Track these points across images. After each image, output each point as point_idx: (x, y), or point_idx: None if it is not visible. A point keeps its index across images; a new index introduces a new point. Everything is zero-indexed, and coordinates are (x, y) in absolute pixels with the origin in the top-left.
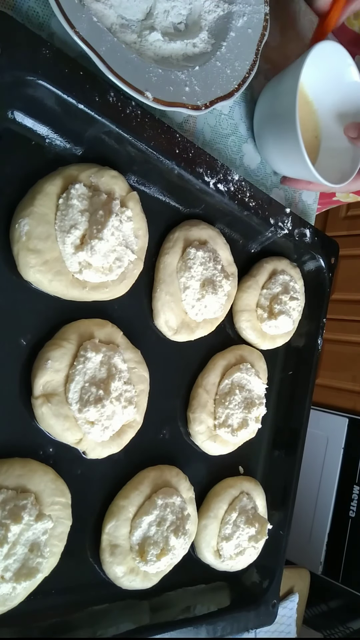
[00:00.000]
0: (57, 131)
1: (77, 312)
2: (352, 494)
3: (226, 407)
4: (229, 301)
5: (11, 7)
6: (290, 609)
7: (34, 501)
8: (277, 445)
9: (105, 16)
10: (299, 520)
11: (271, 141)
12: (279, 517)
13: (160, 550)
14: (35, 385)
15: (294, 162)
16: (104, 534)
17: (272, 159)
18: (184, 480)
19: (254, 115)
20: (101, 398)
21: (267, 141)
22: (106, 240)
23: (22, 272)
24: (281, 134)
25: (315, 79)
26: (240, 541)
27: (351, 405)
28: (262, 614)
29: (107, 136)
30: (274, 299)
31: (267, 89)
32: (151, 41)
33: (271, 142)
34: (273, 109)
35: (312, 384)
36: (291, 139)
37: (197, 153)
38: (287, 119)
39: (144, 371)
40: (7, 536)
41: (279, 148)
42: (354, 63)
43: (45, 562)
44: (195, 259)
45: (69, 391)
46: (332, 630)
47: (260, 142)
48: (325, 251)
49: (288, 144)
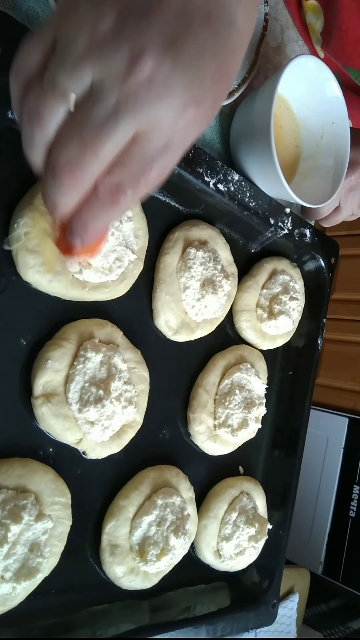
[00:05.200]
0: None
1: (77, 312)
2: (352, 494)
3: (226, 407)
4: (229, 301)
5: (11, 7)
6: (290, 609)
7: (34, 501)
8: (277, 445)
9: None
10: (299, 520)
11: (247, 160)
12: (279, 517)
13: (160, 550)
14: (35, 385)
15: (272, 182)
16: (104, 534)
17: (249, 174)
18: (184, 480)
19: (230, 132)
20: (101, 398)
21: (242, 158)
22: (106, 240)
23: (21, 272)
24: (257, 152)
25: (296, 91)
26: (240, 541)
27: (351, 405)
28: (262, 614)
29: None
30: (274, 299)
31: (242, 106)
32: None
33: (247, 160)
34: (249, 126)
35: (312, 384)
36: (267, 160)
37: (197, 153)
38: (262, 138)
39: (144, 371)
40: (7, 536)
41: (256, 167)
42: (334, 77)
43: (45, 562)
44: (195, 259)
45: (69, 391)
46: (332, 630)
47: (237, 159)
48: (325, 251)
49: (264, 163)
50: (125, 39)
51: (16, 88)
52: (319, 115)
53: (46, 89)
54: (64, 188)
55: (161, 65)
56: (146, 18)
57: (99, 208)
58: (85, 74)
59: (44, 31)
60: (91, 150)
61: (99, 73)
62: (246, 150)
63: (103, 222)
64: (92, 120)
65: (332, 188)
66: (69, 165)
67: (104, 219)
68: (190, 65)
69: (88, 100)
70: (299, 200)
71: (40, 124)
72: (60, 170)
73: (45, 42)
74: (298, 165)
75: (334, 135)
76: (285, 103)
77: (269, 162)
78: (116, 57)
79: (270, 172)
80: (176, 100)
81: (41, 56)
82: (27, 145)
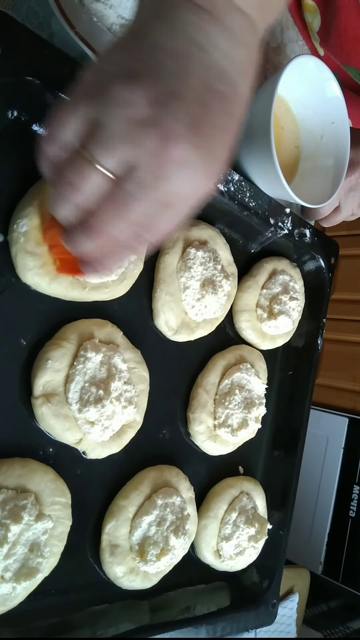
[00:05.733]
0: None
1: (77, 312)
2: (352, 494)
3: (226, 407)
4: (229, 301)
5: (11, 7)
6: (290, 609)
7: (34, 501)
8: (277, 445)
9: (105, 16)
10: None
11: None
12: (279, 517)
13: (160, 550)
14: (35, 385)
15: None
16: (103, 534)
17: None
18: (184, 480)
19: None
20: (101, 398)
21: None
22: None
23: (20, 274)
24: (257, 152)
25: (296, 91)
26: (240, 541)
27: (351, 405)
28: (262, 614)
29: None
30: (273, 299)
31: None
32: None
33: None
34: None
35: (312, 384)
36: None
37: None
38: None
39: (144, 371)
40: (7, 536)
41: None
42: (334, 77)
43: (45, 562)
44: (195, 259)
45: (69, 391)
46: (332, 630)
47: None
48: (325, 251)
49: (264, 163)
50: (155, 126)
51: (50, 155)
52: (319, 115)
53: (84, 163)
54: (93, 241)
55: (184, 149)
56: (173, 105)
57: (119, 251)
58: (119, 154)
59: (80, 108)
60: (121, 216)
61: (132, 154)
62: (246, 151)
63: (119, 261)
64: (124, 192)
65: (332, 188)
66: (102, 226)
67: (120, 258)
68: (206, 145)
69: (121, 175)
70: (299, 200)
71: (76, 191)
72: (93, 230)
73: (81, 119)
74: (298, 166)
75: (334, 136)
76: (285, 103)
77: (269, 162)
78: (147, 142)
79: (270, 172)
80: (194, 176)
81: (77, 132)
82: (59, 203)
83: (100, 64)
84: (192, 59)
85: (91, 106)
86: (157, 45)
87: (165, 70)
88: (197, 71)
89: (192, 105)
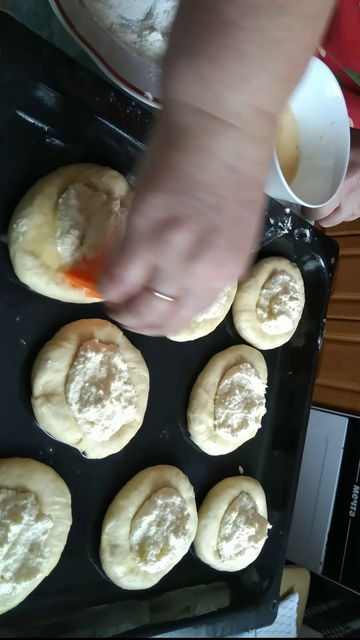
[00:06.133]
0: (57, 131)
1: (77, 312)
2: (352, 494)
3: (226, 407)
4: (229, 301)
5: (11, 7)
6: (290, 609)
7: (34, 501)
8: (277, 445)
9: (105, 16)
10: (299, 520)
11: None
12: (279, 517)
13: (160, 550)
14: (35, 385)
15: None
16: (103, 534)
17: None
18: (184, 480)
19: None
20: (101, 398)
21: None
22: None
23: (19, 274)
24: None
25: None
26: (240, 541)
27: (351, 405)
28: (262, 614)
29: (107, 136)
30: (273, 299)
31: None
32: (151, 41)
33: None
34: None
35: (312, 384)
36: None
37: None
38: None
39: (144, 371)
40: (7, 536)
41: None
42: (334, 77)
43: (45, 562)
44: None
45: (69, 391)
46: (332, 630)
47: None
48: (325, 251)
49: None
50: (203, 260)
51: (121, 291)
52: (319, 116)
53: (148, 295)
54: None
55: (227, 268)
56: (214, 240)
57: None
58: (177, 284)
59: (141, 254)
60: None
61: (188, 282)
62: None
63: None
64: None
65: (332, 188)
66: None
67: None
68: (240, 249)
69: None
70: (299, 200)
71: (143, 318)
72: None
73: (142, 264)
74: (298, 166)
75: (334, 136)
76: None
77: None
78: (199, 272)
79: (270, 172)
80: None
81: (141, 274)
82: (129, 325)
83: (145, 208)
84: (227, 186)
85: (150, 253)
86: (194, 182)
87: (205, 207)
88: (232, 196)
89: (229, 230)
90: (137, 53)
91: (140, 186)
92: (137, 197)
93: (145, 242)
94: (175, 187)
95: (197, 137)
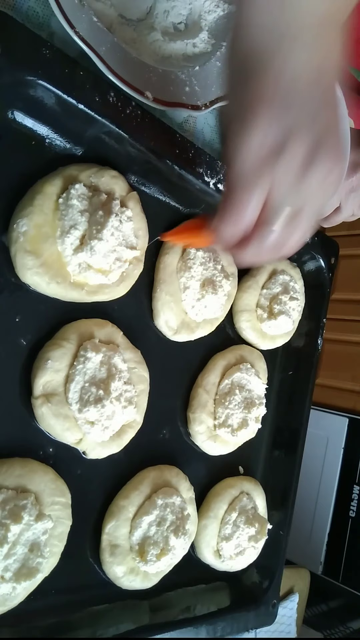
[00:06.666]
0: (57, 131)
1: (77, 312)
2: (352, 494)
3: (226, 407)
4: (229, 301)
5: (11, 7)
6: (290, 609)
7: (34, 501)
8: (277, 445)
9: (106, 16)
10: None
11: None
12: (279, 517)
13: (160, 550)
14: (35, 385)
15: None
16: (104, 534)
17: None
18: (184, 480)
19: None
20: (101, 398)
21: None
22: (106, 240)
23: (20, 274)
24: None
25: None
26: (240, 541)
27: (351, 405)
28: (262, 614)
29: (107, 136)
30: (273, 299)
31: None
32: (151, 41)
33: None
34: None
35: (312, 384)
36: None
37: (197, 153)
38: None
39: (144, 371)
40: (7, 536)
41: None
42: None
43: (45, 562)
44: (195, 259)
45: (69, 391)
46: (332, 630)
47: None
48: (325, 251)
49: None
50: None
51: (241, 230)
52: None
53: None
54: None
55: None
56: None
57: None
58: (293, 201)
59: (258, 186)
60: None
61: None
62: None
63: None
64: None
65: None
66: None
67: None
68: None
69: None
70: None
71: (260, 258)
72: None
73: (261, 197)
74: None
75: None
76: None
77: None
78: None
79: None
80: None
81: (256, 212)
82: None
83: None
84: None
85: (266, 178)
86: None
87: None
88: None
89: (328, 134)
90: (137, 53)
91: (235, 126)
92: (236, 137)
93: (258, 171)
94: (272, 109)
95: (275, 58)
